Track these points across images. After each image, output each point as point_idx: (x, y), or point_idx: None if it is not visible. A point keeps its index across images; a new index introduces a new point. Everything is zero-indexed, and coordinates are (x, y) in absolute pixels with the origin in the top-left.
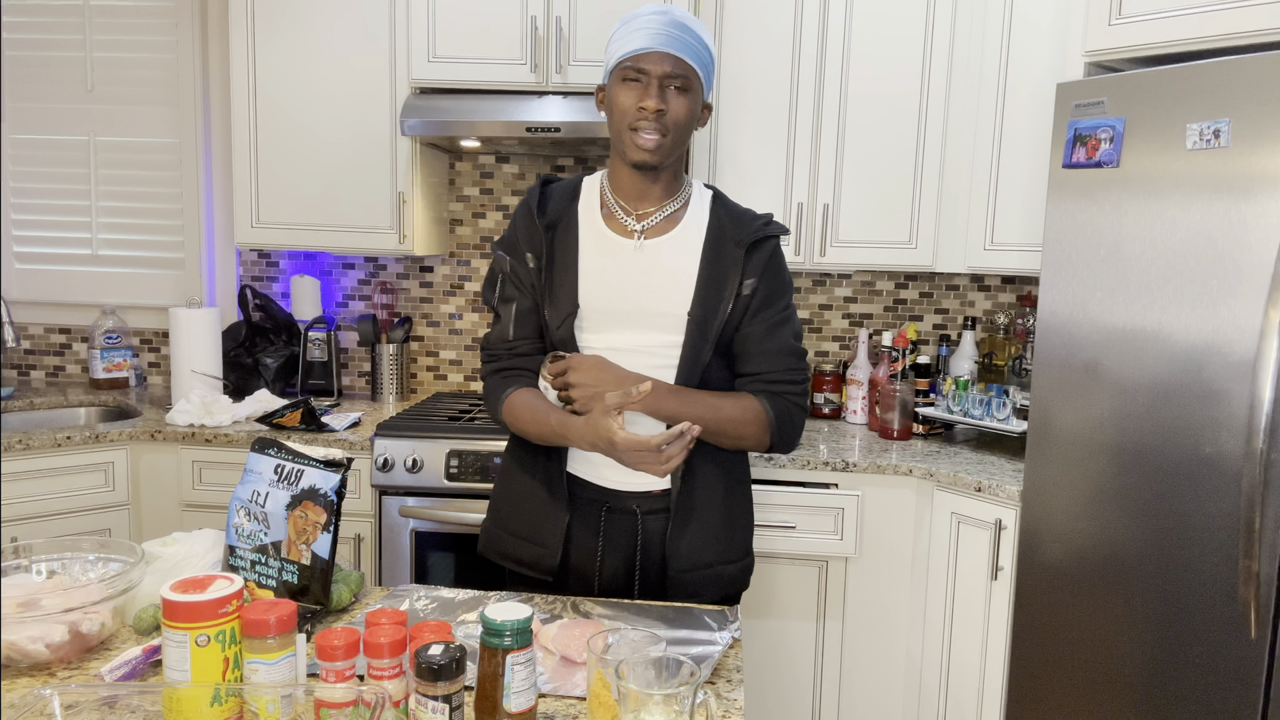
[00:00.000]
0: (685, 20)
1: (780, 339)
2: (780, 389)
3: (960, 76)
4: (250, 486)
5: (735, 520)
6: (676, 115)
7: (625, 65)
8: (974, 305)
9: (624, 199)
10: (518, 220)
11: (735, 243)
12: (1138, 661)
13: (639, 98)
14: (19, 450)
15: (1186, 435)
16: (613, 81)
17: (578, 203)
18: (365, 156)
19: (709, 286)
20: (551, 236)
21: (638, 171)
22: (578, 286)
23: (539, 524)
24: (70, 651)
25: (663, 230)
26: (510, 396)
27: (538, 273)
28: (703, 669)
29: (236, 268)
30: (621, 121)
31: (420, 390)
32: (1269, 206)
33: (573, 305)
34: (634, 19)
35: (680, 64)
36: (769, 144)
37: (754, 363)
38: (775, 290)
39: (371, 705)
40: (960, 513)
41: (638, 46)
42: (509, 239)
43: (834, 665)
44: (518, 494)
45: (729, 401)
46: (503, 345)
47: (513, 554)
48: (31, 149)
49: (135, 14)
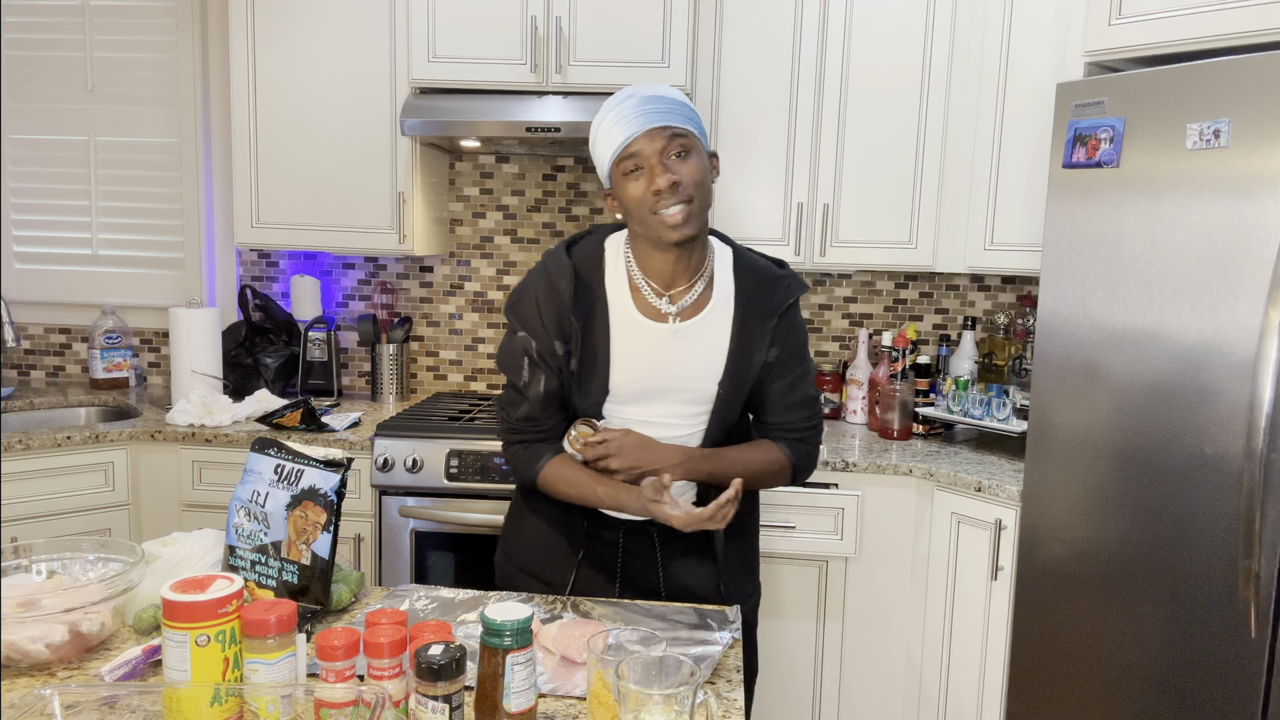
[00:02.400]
0: (655, 92)
1: (800, 392)
2: (802, 434)
3: (960, 76)
4: (250, 486)
5: (749, 552)
6: (691, 178)
7: (621, 159)
8: (974, 305)
9: (654, 279)
10: (541, 299)
11: (765, 314)
12: (1138, 661)
13: (648, 183)
14: (19, 450)
15: (1186, 435)
16: (615, 181)
17: (604, 278)
18: (365, 156)
19: (739, 359)
20: (585, 324)
21: (676, 248)
22: (609, 372)
23: (548, 563)
24: (70, 651)
25: (695, 310)
26: (547, 466)
27: (566, 358)
28: (703, 669)
29: (236, 268)
30: (641, 210)
31: (420, 390)
32: (1269, 206)
33: (604, 391)
34: (607, 115)
35: (671, 130)
36: (769, 144)
37: (777, 414)
38: (796, 348)
39: (371, 705)
40: (960, 513)
41: (623, 137)
42: (528, 317)
43: (834, 665)
44: (531, 532)
45: (757, 456)
46: (528, 424)
47: (522, 589)
48: (31, 149)
49: (135, 14)
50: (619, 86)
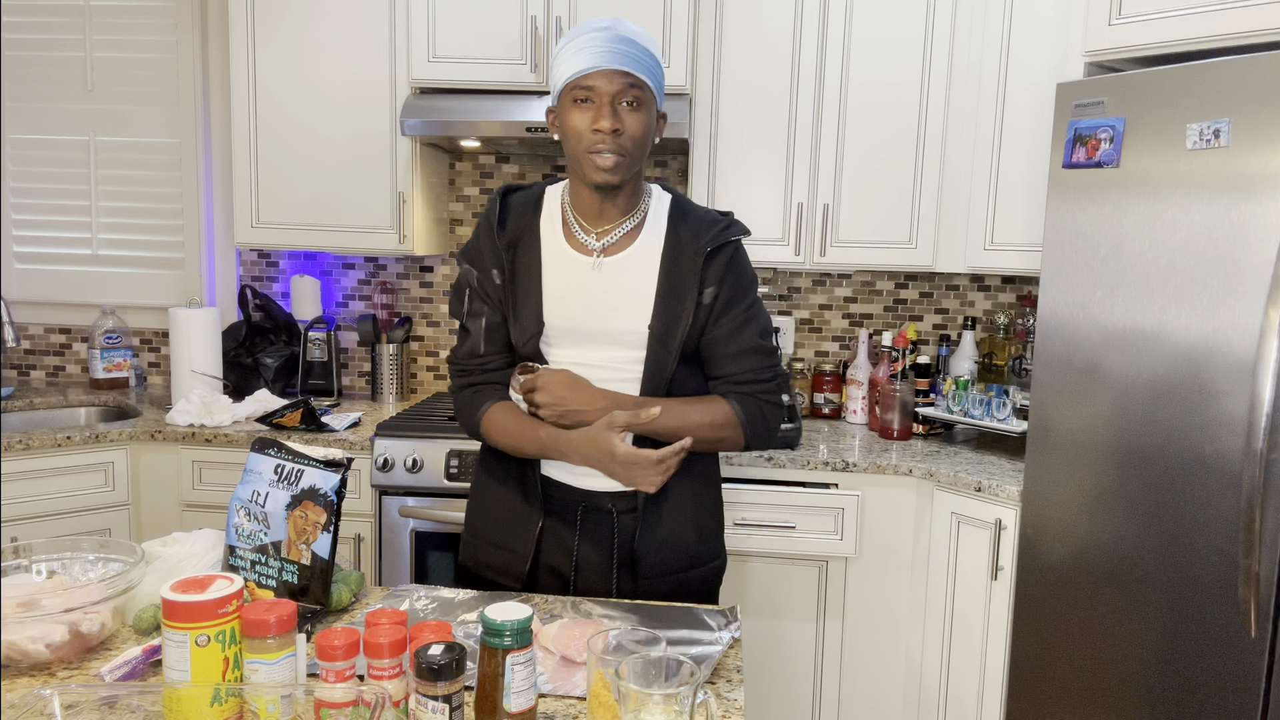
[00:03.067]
0: (631, 34)
1: (745, 339)
2: (750, 389)
3: (960, 76)
4: (250, 486)
5: (705, 523)
6: (633, 132)
7: (575, 86)
8: (974, 305)
9: (584, 217)
10: (480, 233)
11: (693, 252)
12: (1138, 661)
13: (593, 119)
14: (19, 450)
15: (1186, 435)
16: (563, 103)
17: (540, 216)
18: (365, 156)
19: (668, 300)
20: (514, 254)
21: (598, 191)
22: (542, 305)
23: (512, 530)
24: (70, 651)
25: (621, 247)
26: (488, 411)
27: (502, 288)
28: (703, 669)
29: (236, 268)
30: (578, 145)
31: (420, 390)
32: (1269, 206)
33: (538, 324)
34: (577, 36)
35: (631, 79)
36: (769, 144)
37: (721, 365)
38: (737, 292)
39: (371, 705)
40: (960, 513)
41: (585, 66)
42: (472, 251)
43: (834, 665)
44: (491, 501)
45: (697, 409)
46: (474, 360)
47: (484, 561)
48: (31, 149)
49: (135, 14)
50: None
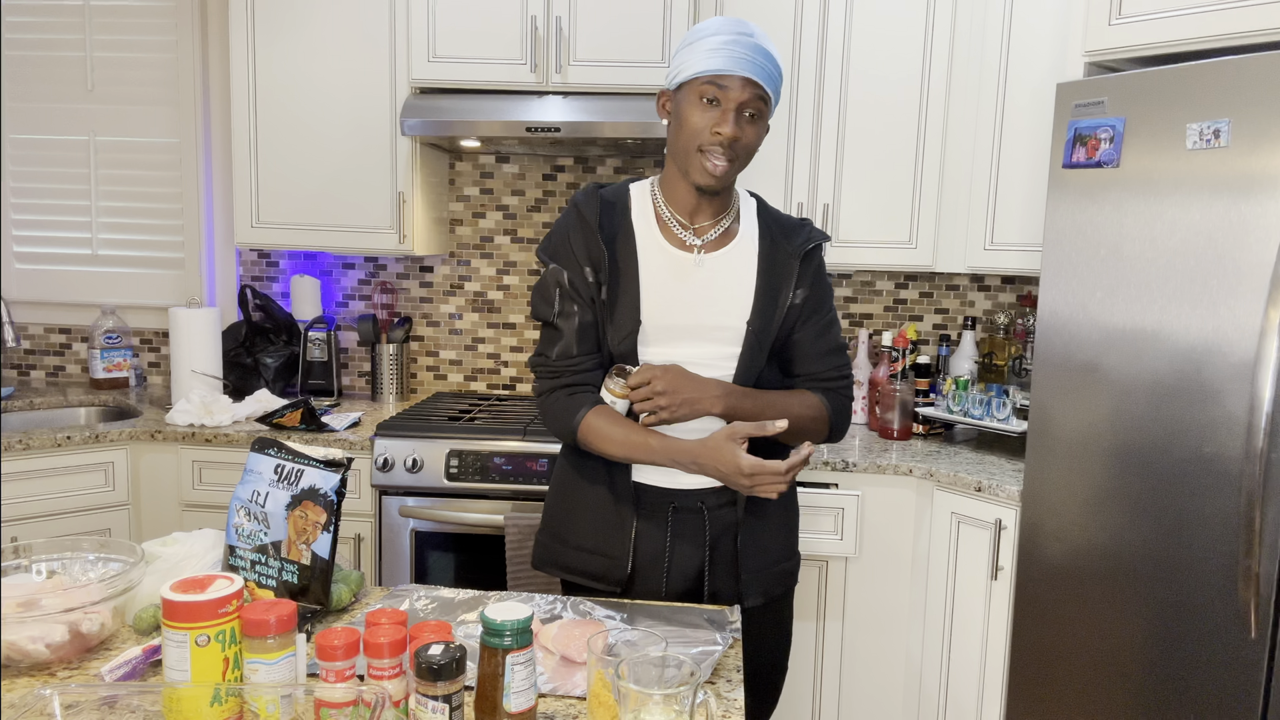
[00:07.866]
0: (767, 45)
1: (830, 339)
2: (834, 385)
3: (960, 77)
4: (250, 486)
5: (792, 520)
6: (748, 142)
7: (705, 82)
8: (974, 305)
9: (680, 213)
10: (571, 230)
11: (789, 255)
12: (1138, 661)
13: (715, 122)
14: (19, 450)
15: (1186, 435)
16: (686, 95)
17: (631, 213)
18: (365, 156)
19: (765, 297)
20: (612, 250)
21: (700, 191)
22: (640, 302)
23: (605, 535)
24: (70, 651)
25: (720, 244)
26: (587, 416)
27: (597, 287)
28: (703, 669)
29: (236, 268)
30: (691, 141)
31: (420, 390)
32: (1269, 206)
33: (635, 322)
34: (717, 34)
35: (759, 91)
36: (769, 144)
37: (808, 364)
38: (822, 296)
39: (371, 705)
40: (960, 513)
41: (720, 67)
42: (559, 248)
43: (834, 665)
44: (580, 506)
45: (796, 400)
46: (566, 361)
47: (577, 567)
48: (31, 149)
49: (135, 14)
50: (619, 86)
